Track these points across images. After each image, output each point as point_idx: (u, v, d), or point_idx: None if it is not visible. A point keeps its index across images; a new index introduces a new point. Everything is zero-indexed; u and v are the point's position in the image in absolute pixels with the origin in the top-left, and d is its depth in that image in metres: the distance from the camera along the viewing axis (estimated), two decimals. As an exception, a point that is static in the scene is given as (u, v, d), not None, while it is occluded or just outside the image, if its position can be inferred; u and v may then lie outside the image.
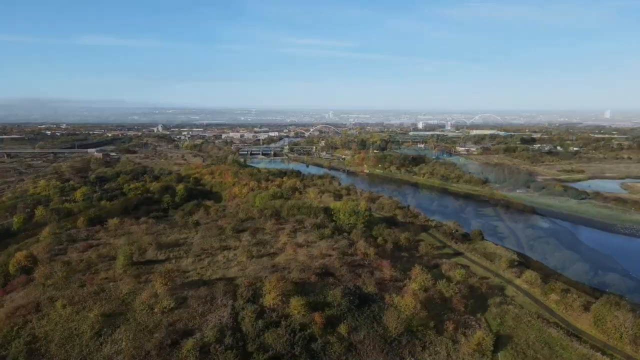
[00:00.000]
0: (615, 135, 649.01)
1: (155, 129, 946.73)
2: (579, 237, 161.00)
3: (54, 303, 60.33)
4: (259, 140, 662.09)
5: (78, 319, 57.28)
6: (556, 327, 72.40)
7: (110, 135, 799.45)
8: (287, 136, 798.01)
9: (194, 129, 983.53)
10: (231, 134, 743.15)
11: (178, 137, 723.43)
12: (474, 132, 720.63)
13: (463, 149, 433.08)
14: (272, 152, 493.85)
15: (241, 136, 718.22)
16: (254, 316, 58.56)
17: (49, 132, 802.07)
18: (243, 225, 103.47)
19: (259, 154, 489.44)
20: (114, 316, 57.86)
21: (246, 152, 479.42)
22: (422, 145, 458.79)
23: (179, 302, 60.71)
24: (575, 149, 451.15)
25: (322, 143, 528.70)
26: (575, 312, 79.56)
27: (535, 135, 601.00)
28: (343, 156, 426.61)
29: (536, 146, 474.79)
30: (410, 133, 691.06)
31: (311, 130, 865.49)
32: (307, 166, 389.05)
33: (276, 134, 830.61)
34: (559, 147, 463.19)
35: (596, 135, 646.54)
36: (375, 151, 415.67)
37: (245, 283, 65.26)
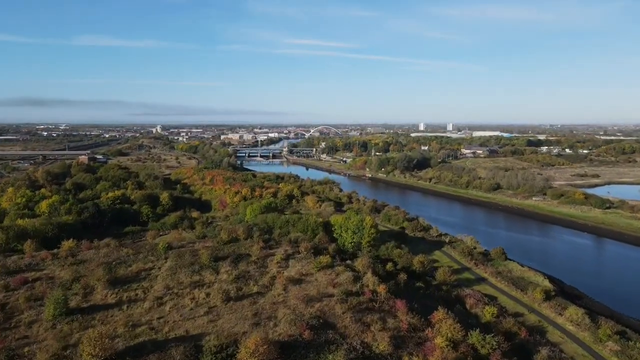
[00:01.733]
0: (622, 137, 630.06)
1: (154, 130, 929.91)
2: (612, 254, 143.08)
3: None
4: (257, 141, 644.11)
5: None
6: (628, 397, 54.60)
7: (107, 136, 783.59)
8: (287, 137, 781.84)
9: (193, 130, 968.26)
10: (230, 135, 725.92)
11: (176, 138, 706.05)
12: (477, 133, 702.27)
13: (469, 151, 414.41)
14: (271, 155, 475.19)
15: (240, 137, 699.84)
16: (220, 403, 40.75)
17: (45, 133, 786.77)
18: (224, 249, 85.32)
19: (257, 156, 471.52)
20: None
21: (244, 155, 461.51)
22: (426, 148, 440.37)
23: (116, 381, 42.81)
24: (584, 151, 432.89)
25: (323, 144, 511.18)
26: (644, 369, 61.93)
27: (541, 137, 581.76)
28: (344, 158, 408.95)
29: (544, 148, 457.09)
30: (412, 134, 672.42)
31: (312, 131, 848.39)
32: (307, 169, 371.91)
33: (276, 135, 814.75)
34: (567, 150, 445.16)
35: (603, 137, 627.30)
36: (377, 153, 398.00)
37: (214, 347, 47.15)
